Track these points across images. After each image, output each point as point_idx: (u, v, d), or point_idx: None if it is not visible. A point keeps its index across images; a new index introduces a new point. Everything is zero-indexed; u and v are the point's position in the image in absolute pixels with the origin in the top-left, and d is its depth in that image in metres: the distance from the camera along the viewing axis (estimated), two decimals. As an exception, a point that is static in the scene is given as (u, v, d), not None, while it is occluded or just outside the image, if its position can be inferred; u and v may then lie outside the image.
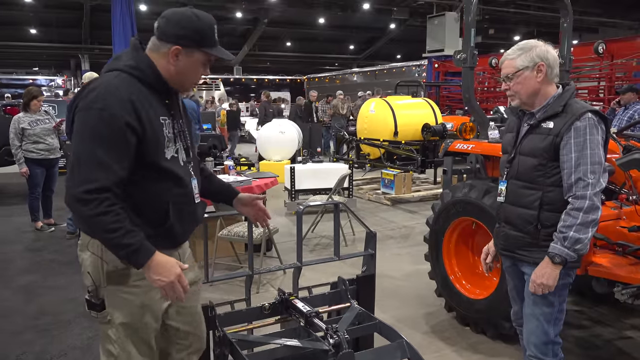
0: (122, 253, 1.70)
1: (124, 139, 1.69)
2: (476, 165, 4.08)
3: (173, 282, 1.72)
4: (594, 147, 2.16)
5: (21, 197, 8.23)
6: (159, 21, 1.82)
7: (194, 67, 1.84)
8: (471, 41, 3.81)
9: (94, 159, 1.65)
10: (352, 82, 23.69)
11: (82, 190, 1.63)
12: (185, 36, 1.79)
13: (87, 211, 1.64)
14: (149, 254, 1.70)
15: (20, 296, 4.53)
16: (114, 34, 11.05)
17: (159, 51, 1.82)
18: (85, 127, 1.69)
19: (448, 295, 3.95)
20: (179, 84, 1.89)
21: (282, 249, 5.28)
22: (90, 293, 1.87)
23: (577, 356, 3.44)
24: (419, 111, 9.44)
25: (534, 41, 2.32)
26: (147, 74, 1.79)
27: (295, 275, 2.88)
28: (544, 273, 2.20)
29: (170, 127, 1.86)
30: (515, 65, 2.29)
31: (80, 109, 1.71)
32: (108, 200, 1.65)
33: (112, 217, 1.64)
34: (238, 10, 21.75)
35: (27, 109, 6.32)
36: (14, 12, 21.70)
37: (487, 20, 21.30)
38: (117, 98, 1.69)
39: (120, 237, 1.65)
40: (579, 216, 2.13)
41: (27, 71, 35.01)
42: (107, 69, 1.83)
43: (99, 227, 1.66)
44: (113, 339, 1.87)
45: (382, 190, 8.92)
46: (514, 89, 2.32)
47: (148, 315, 1.88)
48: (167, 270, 1.72)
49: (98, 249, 1.81)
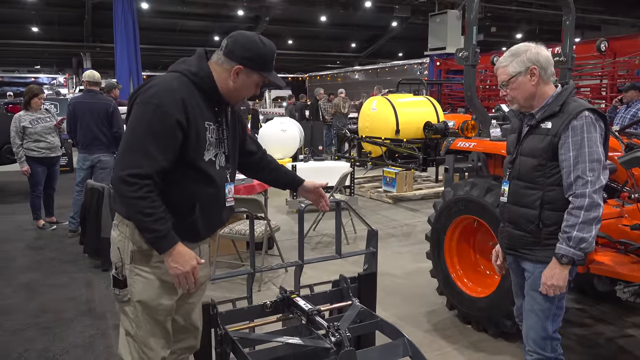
0: (150, 236, 1.88)
1: (172, 135, 1.87)
2: (478, 164, 4.08)
3: (187, 273, 1.91)
4: (591, 145, 2.17)
5: (23, 195, 8.25)
6: (227, 40, 2.01)
7: (249, 86, 2.04)
8: (473, 39, 3.80)
9: (142, 148, 1.83)
10: (354, 80, 23.67)
11: (127, 174, 1.81)
12: (250, 59, 1.98)
13: (128, 192, 1.82)
14: (172, 243, 1.88)
15: (22, 294, 4.54)
16: (116, 32, 11.09)
17: (222, 66, 1.99)
18: (140, 119, 1.87)
19: (449, 293, 3.95)
20: (232, 97, 2.06)
21: (283, 247, 5.28)
22: (116, 270, 2.03)
23: (578, 354, 3.43)
24: (420, 109, 9.42)
25: (525, 45, 2.34)
26: (204, 81, 1.97)
27: (296, 273, 2.88)
28: (553, 274, 2.21)
29: (214, 132, 2.03)
30: (509, 72, 2.32)
31: (139, 102, 1.89)
32: (148, 186, 1.83)
33: (149, 202, 1.83)
34: (240, 8, 21.77)
35: (27, 107, 6.32)
36: (16, 10, 21.73)
37: (489, 18, 21.27)
38: (172, 97, 1.87)
39: (152, 222, 1.84)
40: (581, 214, 2.13)
41: (29, 69, 35.06)
42: (170, 70, 2.03)
43: (135, 209, 1.84)
44: (131, 317, 2.02)
45: (383, 189, 8.91)
46: (511, 95, 2.35)
47: (164, 297, 2.02)
48: (185, 261, 1.90)
49: (126, 229, 1.99)
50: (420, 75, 19.06)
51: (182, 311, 2.15)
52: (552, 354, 2.37)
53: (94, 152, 6.02)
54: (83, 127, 5.96)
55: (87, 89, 6.18)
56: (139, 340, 2.03)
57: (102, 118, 5.96)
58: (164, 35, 26.47)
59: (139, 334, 2.02)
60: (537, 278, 2.32)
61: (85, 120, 5.94)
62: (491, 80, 15.81)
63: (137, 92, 1.96)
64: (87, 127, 5.95)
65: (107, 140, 6.06)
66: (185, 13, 23.07)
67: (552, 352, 2.37)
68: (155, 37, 25.35)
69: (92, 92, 6.12)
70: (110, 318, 4.01)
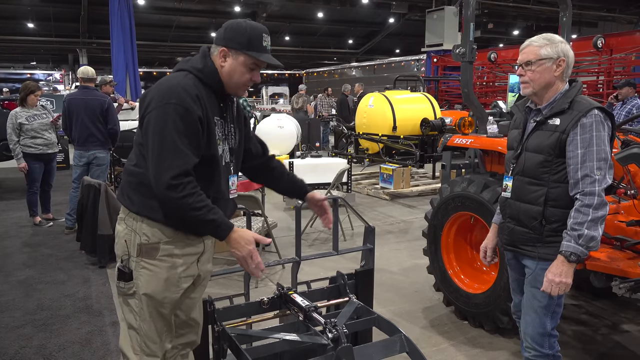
0: (209, 228, 1.92)
1: (197, 130, 1.90)
2: (475, 160, 4.08)
3: (245, 257, 1.95)
4: (600, 143, 2.17)
5: (19, 192, 8.23)
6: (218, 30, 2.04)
7: (239, 68, 1.99)
8: (470, 35, 3.80)
9: (174, 149, 1.85)
10: (351, 77, 23.65)
11: (169, 177, 1.83)
12: (232, 39, 1.97)
13: (174, 195, 1.84)
14: (229, 228, 1.93)
15: (19, 291, 4.53)
16: (112, 28, 11.03)
17: (213, 54, 2.01)
18: (164, 121, 1.86)
19: (446, 289, 3.96)
20: (229, 85, 2.04)
21: (280, 243, 5.29)
22: (122, 262, 2.04)
23: (575, 349, 3.45)
24: (417, 106, 9.42)
25: (560, 37, 2.34)
26: (209, 77, 1.99)
27: (294, 269, 2.88)
28: (560, 272, 2.19)
29: (221, 127, 2.05)
30: (539, 53, 2.29)
31: (157, 106, 1.88)
32: (191, 183, 1.86)
33: (197, 197, 1.86)
34: (236, 4, 21.70)
35: (24, 103, 6.30)
36: (12, 5, 21.61)
37: (486, 14, 21.25)
38: (188, 94, 1.88)
39: (206, 214, 1.87)
40: (590, 212, 2.13)
41: (24, 65, 34.87)
42: (177, 69, 2.04)
43: (187, 207, 1.85)
44: (135, 310, 2.02)
45: (380, 185, 8.92)
46: (529, 76, 2.32)
47: (169, 291, 2.02)
48: (242, 246, 1.94)
49: (133, 223, 2.00)
50: (417, 71, 19.07)
51: (184, 306, 2.15)
52: (550, 350, 2.38)
53: (90, 149, 6.01)
54: (78, 123, 5.95)
55: (82, 85, 6.17)
56: (142, 333, 2.03)
57: (97, 114, 5.95)
58: (161, 32, 26.38)
59: (143, 327, 2.02)
60: (538, 275, 2.32)
61: (81, 116, 5.93)
62: (488, 77, 15.81)
63: (146, 97, 1.96)
64: (82, 123, 5.94)
65: (102, 137, 6.05)
66: (182, 9, 22.97)
67: (550, 348, 2.38)
68: (151, 33, 25.27)
69: (87, 88, 6.11)
70: (107, 315, 4.01)
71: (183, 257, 2.03)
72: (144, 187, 1.97)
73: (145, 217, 1.98)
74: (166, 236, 1.99)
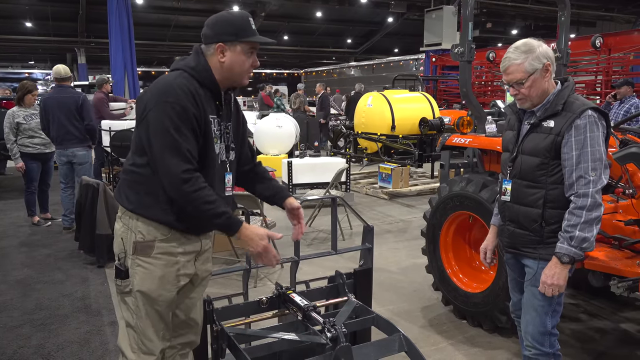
0: (221, 220, 1.94)
1: (193, 127, 1.92)
2: (473, 159, 4.09)
3: (260, 253, 2.01)
4: (594, 144, 2.17)
5: (17, 192, 8.21)
6: (203, 30, 2.03)
7: (239, 58, 2.02)
8: (469, 35, 3.80)
9: (177, 146, 1.87)
10: (350, 76, 23.65)
11: (181, 171, 1.86)
12: (224, 32, 1.99)
13: (188, 188, 1.87)
14: (239, 222, 1.97)
15: (17, 291, 4.52)
16: (110, 28, 11.00)
17: (208, 54, 2.02)
18: (163, 120, 1.88)
19: (445, 288, 3.96)
20: (232, 78, 2.05)
21: (279, 242, 5.28)
22: (119, 260, 2.06)
23: (573, 348, 3.45)
24: (416, 105, 9.42)
25: (532, 40, 2.29)
26: (202, 74, 2.00)
27: (292, 269, 2.88)
28: (553, 273, 2.21)
29: (217, 125, 2.05)
30: (526, 70, 2.24)
31: (154, 106, 1.90)
32: (200, 177, 1.91)
33: (207, 190, 1.90)
34: (235, 3, 21.66)
35: (21, 103, 6.29)
36: (10, 5, 21.54)
37: (484, 13, 21.25)
38: (184, 92, 1.91)
39: (218, 207, 1.91)
40: (583, 214, 2.13)
41: (22, 65, 34.79)
42: (172, 68, 2.06)
43: (200, 201, 1.89)
44: (132, 308, 2.04)
45: (379, 185, 8.92)
46: (524, 93, 2.28)
47: (164, 289, 2.03)
48: (257, 242, 2.00)
49: (129, 221, 2.02)
50: (416, 71, 19.07)
51: (183, 306, 2.15)
52: (550, 349, 2.38)
53: (68, 147, 5.99)
54: (55, 122, 5.94)
55: (57, 84, 6.15)
56: (138, 331, 2.04)
57: (73, 111, 5.94)
58: (159, 31, 26.32)
59: (139, 325, 2.03)
60: (539, 275, 2.32)
61: (56, 115, 5.92)
62: (487, 77, 15.82)
63: (143, 97, 1.98)
64: (58, 122, 5.93)
65: (79, 134, 6.02)
66: (180, 8, 22.94)
67: (550, 347, 2.38)
68: (150, 33, 25.21)
69: (61, 87, 6.12)
70: (105, 314, 4.01)
71: (179, 255, 2.04)
72: (139, 185, 1.99)
73: (140, 215, 1.99)
74: (161, 234, 2.00)
